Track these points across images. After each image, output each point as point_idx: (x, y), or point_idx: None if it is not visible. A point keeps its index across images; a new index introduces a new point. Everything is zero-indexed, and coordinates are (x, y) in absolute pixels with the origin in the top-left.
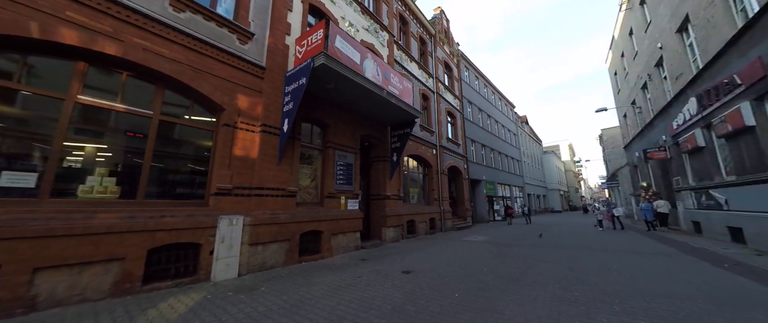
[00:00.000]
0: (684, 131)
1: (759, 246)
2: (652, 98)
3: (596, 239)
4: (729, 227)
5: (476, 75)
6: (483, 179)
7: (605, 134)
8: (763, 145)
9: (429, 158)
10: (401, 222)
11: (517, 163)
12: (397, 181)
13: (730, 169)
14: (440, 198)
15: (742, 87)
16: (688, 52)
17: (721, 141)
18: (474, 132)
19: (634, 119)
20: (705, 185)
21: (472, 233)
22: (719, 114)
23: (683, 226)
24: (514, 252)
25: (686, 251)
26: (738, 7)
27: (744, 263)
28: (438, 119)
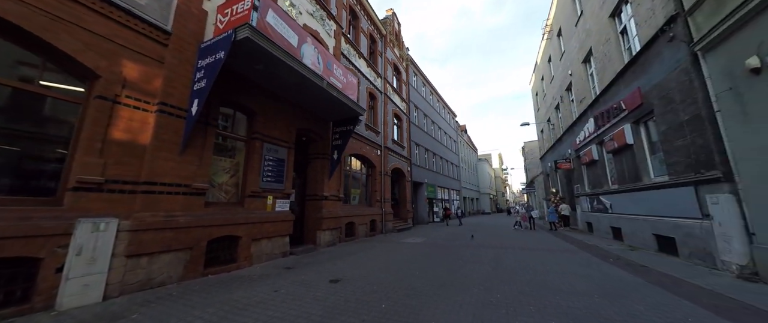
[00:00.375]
0: (584, 146)
1: (631, 242)
2: (562, 116)
3: (515, 238)
4: (612, 227)
5: (423, 82)
6: (425, 181)
7: (527, 146)
8: (637, 160)
9: (373, 159)
10: (339, 225)
11: (456, 168)
12: (337, 181)
13: (614, 179)
14: (383, 200)
15: (625, 112)
16: (590, 80)
17: (609, 156)
18: (419, 136)
19: (549, 134)
20: (596, 192)
21: (412, 234)
22: (609, 133)
23: (580, 226)
24: (447, 253)
25: (583, 248)
26: (625, 46)
27: (622, 257)
28: (384, 120)
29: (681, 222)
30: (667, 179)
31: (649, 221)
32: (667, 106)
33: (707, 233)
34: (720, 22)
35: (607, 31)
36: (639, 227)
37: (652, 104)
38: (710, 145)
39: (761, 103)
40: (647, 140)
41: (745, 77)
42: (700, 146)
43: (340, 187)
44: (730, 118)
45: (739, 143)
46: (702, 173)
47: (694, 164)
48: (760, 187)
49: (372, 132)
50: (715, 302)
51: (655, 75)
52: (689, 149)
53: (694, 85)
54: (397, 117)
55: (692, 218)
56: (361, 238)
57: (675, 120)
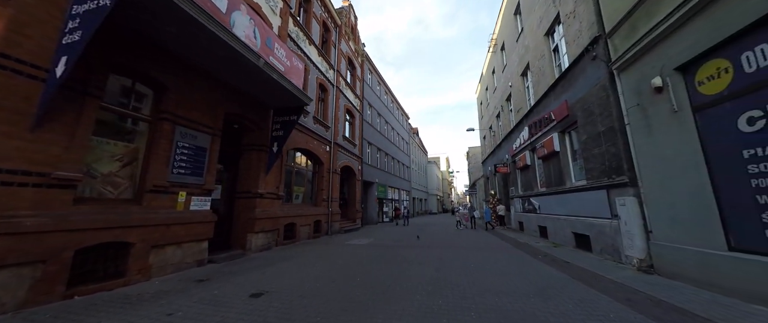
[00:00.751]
0: (519, 152)
1: (555, 239)
2: (502, 124)
3: (458, 238)
4: (539, 226)
5: (378, 80)
6: (376, 181)
7: (471, 151)
8: (562, 166)
9: (321, 155)
10: (277, 226)
11: (407, 169)
12: (277, 176)
13: (542, 182)
14: (330, 199)
15: (554, 122)
16: (526, 92)
17: (539, 161)
18: (371, 135)
19: (490, 140)
20: (528, 194)
21: (359, 235)
22: (540, 141)
23: (513, 225)
24: (393, 255)
25: (516, 246)
26: (556, 63)
27: (549, 254)
28: (335, 115)
29: (595, 222)
30: (585, 183)
31: (569, 221)
32: (588, 118)
33: (615, 231)
34: (633, 45)
35: (542, 48)
36: (561, 226)
37: (576, 116)
38: (620, 153)
39: (660, 118)
40: (570, 148)
41: (650, 95)
42: (613, 154)
43: (279, 184)
44: (637, 130)
45: (643, 153)
46: (613, 179)
47: (607, 170)
48: (658, 191)
49: (321, 126)
50: (627, 295)
51: (580, 90)
52: (604, 156)
53: (610, 100)
54: (350, 113)
55: (604, 218)
56: (302, 240)
57: (594, 130)
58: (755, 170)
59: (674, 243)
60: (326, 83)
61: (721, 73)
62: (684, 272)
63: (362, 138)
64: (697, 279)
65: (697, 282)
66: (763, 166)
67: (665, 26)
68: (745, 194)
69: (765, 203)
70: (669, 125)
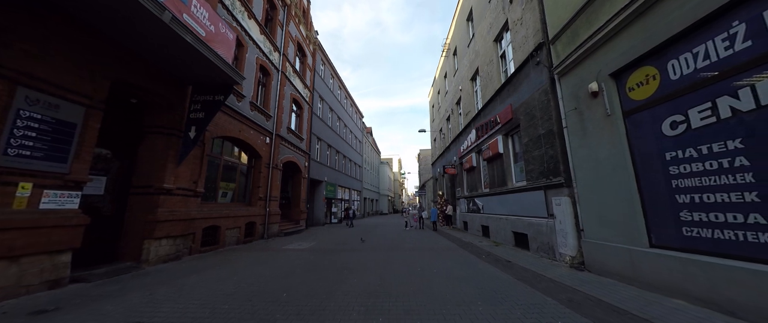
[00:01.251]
0: (466, 154)
1: (496, 239)
2: (451, 127)
3: (406, 238)
4: (482, 226)
5: (332, 73)
6: (325, 180)
7: (422, 153)
8: (505, 167)
9: (259, 147)
10: (190, 230)
11: (359, 169)
12: (195, 169)
13: (486, 183)
14: (268, 198)
15: (499, 125)
16: (475, 96)
17: (484, 163)
18: (321, 130)
19: (440, 143)
20: (473, 194)
21: (300, 239)
22: (486, 143)
23: (458, 225)
24: (333, 261)
25: (461, 245)
26: (502, 69)
27: (492, 253)
28: (279, 104)
29: (533, 221)
30: (525, 184)
31: (509, 220)
32: (530, 121)
33: (551, 230)
34: (573, 51)
35: (491, 53)
36: (502, 226)
37: (519, 119)
38: (558, 155)
39: (595, 122)
40: (513, 151)
41: (586, 99)
42: (551, 156)
43: (198, 178)
44: (574, 133)
45: (578, 155)
46: (550, 179)
47: (546, 172)
48: (589, 192)
49: (261, 115)
50: (568, 296)
51: (523, 94)
52: (543, 158)
53: (551, 104)
54: (297, 104)
55: (541, 218)
56: (228, 246)
57: (535, 133)
58: (675, 172)
59: (603, 240)
60: (269, 65)
61: (649, 79)
62: (611, 268)
63: (311, 133)
64: (623, 275)
65: (624, 277)
66: (682, 167)
67: (603, 34)
68: (666, 193)
69: (682, 203)
70: (602, 129)
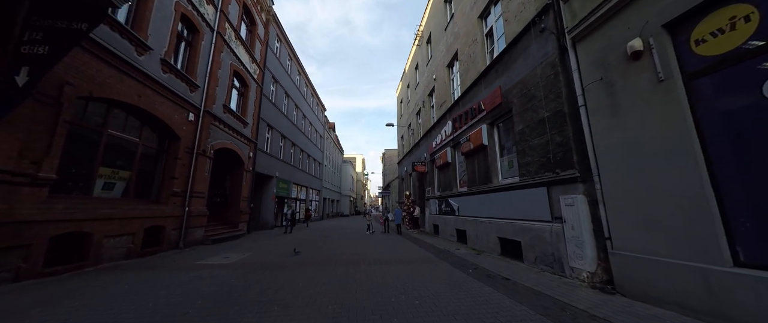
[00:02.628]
0: (439, 149)
1: (476, 245)
2: (422, 122)
3: (369, 245)
4: (457, 230)
5: (290, 55)
6: (276, 175)
7: (387, 153)
8: (489, 161)
9: (176, 125)
10: (16, 241)
11: (319, 166)
12: (32, 139)
13: (463, 181)
14: (189, 194)
15: (484, 113)
16: (452, 84)
17: (461, 158)
18: (274, 117)
19: (408, 139)
20: (446, 194)
21: (232, 248)
22: (466, 135)
23: (427, 228)
24: (265, 286)
25: (438, 255)
26: (488, 49)
27: (478, 265)
28: (212, 72)
29: (529, 226)
30: (517, 180)
31: (494, 224)
32: (527, 103)
33: (557, 237)
34: (601, 4)
35: (475, 32)
36: (484, 231)
37: (510, 103)
38: (569, 142)
39: (634, 93)
40: (499, 142)
41: (620, 65)
42: (558, 144)
43: (44, 155)
44: (596, 112)
45: (604, 140)
46: (557, 173)
47: (550, 164)
48: (622, 187)
49: (180, 82)
50: None
51: (518, 72)
52: (546, 147)
53: (560, 79)
54: (241, 79)
55: (542, 222)
56: (110, 262)
57: (534, 118)
58: None
59: (648, 254)
60: (197, 18)
61: (735, 23)
62: (664, 293)
63: (259, 118)
64: (686, 305)
65: (688, 308)
66: None
67: None
68: (765, 189)
69: None
70: (648, 101)
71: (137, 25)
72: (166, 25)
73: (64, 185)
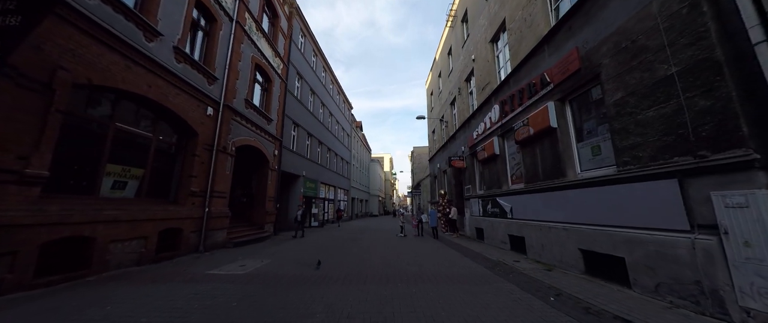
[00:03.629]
0: (482, 140)
1: (541, 257)
2: (457, 112)
3: (405, 253)
4: (510, 236)
5: (315, 51)
6: (302, 174)
7: (415, 151)
8: (561, 149)
9: (193, 120)
10: (2, 248)
11: (347, 165)
12: (18, 130)
13: (517, 176)
14: (209, 194)
15: (550, 86)
16: (497, 62)
17: (513, 149)
18: (300, 114)
19: (441, 134)
20: (492, 193)
21: (252, 253)
22: (521, 118)
23: (467, 232)
24: (278, 309)
25: (492, 268)
26: (552, 5)
27: (560, 290)
28: (232, 64)
29: (643, 236)
30: (614, 171)
31: (573, 232)
32: (631, 61)
33: (708, 258)
34: None
35: None
36: (555, 239)
37: (597, 66)
38: (731, 106)
39: None
40: (574, 123)
41: None
42: (703, 111)
43: (33, 149)
44: None
45: None
46: (703, 157)
47: (685, 144)
48: None
49: (197, 73)
50: None
51: (612, 19)
52: (673, 120)
53: (701, 11)
54: (264, 74)
55: (670, 231)
56: (119, 269)
57: (645, 79)
58: None
59: None
60: (214, 7)
61: None
62: None
63: (284, 114)
64: None
65: None
66: None
67: None
68: None
69: None
70: None
71: (145, 9)
72: (179, 10)
73: (63, 183)
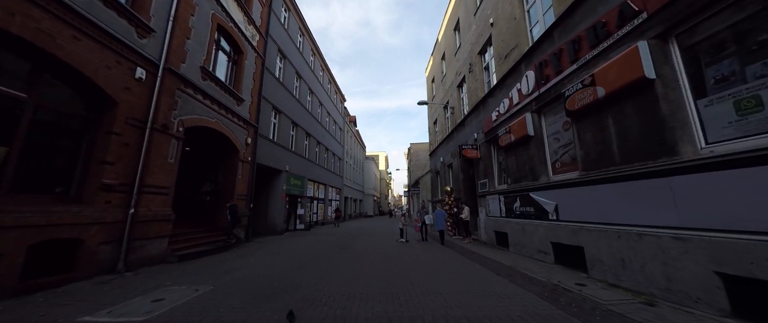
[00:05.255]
0: (506, 119)
1: (618, 279)
2: (468, 93)
3: (413, 272)
4: (556, 245)
5: (302, 30)
6: (286, 170)
7: (413, 148)
8: (666, 112)
9: (106, 80)
10: None
11: (340, 161)
12: None
13: (562, 164)
14: (138, 188)
15: (639, 18)
16: (527, 19)
17: (555, 126)
18: (283, 100)
19: (444, 124)
20: (524, 187)
21: (194, 273)
22: (579, 79)
23: (483, 236)
24: None
25: (553, 298)
26: None
27: None
28: (179, 16)
29: None
30: None
31: (697, 243)
32: None
33: None
34: None
35: None
36: (653, 253)
37: None
38: None
39: None
40: (688, 70)
41: None
42: None
43: None
44: None
45: None
46: None
47: None
48: None
49: (113, 11)
50: None
51: None
52: None
53: None
54: (233, 42)
55: None
56: None
57: None
58: None
59: None
60: None
61: None
62: None
63: (260, 96)
64: None
65: None
66: None
67: None
68: None
69: None
70: None
71: None
72: None
73: None
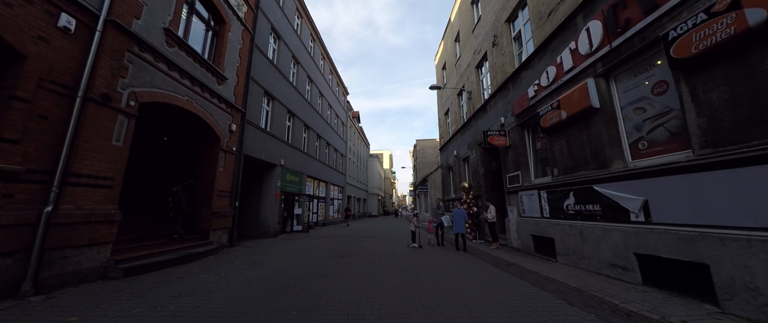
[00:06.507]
0: (554, 92)
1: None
2: (492, 71)
3: (441, 302)
4: (646, 257)
5: (299, 11)
6: (281, 164)
7: (419, 145)
8: None
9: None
10: None
11: (343, 158)
12: None
13: (644, 146)
14: (61, 178)
15: None
16: None
17: (636, 93)
18: (277, 85)
19: (458, 113)
20: (584, 178)
21: (131, 298)
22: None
23: (514, 241)
24: None
25: None
26: None
27: None
28: None
29: None
30: None
31: None
32: None
33: None
34: None
35: None
36: None
37: None
38: None
39: None
40: None
41: None
42: None
43: None
44: None
45: None
46: None
47: None
48: None
49: None
50: None
51: None
52: None
53: None
54: (212, 7)
55: None
56: None
57: None
58: None
59: None
60: None
61: None
62: None
63: (248, 76)
64: None
65: None
66: None
67: None
68: None
69: None
70: None
71: None
72: None
73: None
